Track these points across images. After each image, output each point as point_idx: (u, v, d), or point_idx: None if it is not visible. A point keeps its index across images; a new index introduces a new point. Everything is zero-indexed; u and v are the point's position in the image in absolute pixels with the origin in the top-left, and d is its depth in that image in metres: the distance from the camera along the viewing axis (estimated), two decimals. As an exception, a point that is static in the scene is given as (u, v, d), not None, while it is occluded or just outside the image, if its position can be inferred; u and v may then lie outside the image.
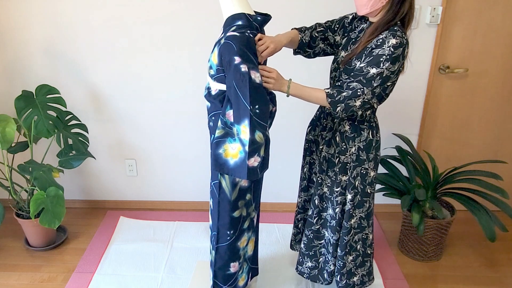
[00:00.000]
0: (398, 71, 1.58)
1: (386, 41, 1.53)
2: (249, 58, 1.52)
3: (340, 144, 1.79)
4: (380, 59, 1.54)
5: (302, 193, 2.10)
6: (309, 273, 2.08)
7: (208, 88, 1.69)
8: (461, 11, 2.38)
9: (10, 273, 2.36)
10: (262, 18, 1.62)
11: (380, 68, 1.54)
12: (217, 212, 1.80)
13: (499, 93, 2.57)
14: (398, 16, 1.56)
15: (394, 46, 1.52)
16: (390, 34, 1.54)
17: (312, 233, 1.99)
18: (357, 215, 1.86)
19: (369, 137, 1.76)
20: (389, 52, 1.52)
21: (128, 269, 2.36)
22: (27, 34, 2.48)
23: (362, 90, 1.57)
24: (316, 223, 1.97)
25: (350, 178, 1.80)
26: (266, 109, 1.54)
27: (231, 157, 1.59)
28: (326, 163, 1.86)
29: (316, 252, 2.03)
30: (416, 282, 2.29)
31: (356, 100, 1.59)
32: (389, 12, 1.56)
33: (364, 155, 1.78)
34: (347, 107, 1.61)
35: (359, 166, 1.79)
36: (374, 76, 1.56)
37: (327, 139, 1.85)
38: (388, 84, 1.59)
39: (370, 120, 1.77)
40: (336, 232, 1.91)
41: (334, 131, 1.82)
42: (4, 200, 2.66)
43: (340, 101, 1.60)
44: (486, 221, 2.15)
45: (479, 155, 2.72)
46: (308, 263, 2.06)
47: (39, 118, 2.31)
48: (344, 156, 1.79)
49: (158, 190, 2.92)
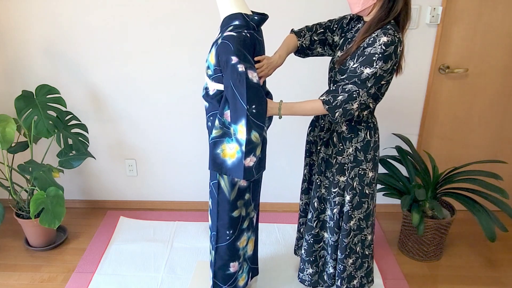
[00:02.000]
0: (391, 69, 1.56)
1: (377, 40, 1.52)
2: (246, 58, 1.52)
3: (337, 144, 1.78)
4: (372, 58, 1.52)
5: (303, 195, 2.10)
6: (310, 280, 2.07)
7: (206, 88, 1.69)
8: (461, 11, 2.38)
9: (10, 273, 2.36)
10: (259, 17, 1.62)
11: (374, 67, 1.52)
12: (216, 212, 1.80)
13: (499, 93, 2.57)
14: (392, 15, 1.54)
15: (385, 44, 1.50)
16: (381, 33, 1.52)
17: (312, 237, 1.98)
18: (356, 217, 1.85)
19: (366, 138, 1.75)
20: (380, 51, 1.51)
21: (128, 269, 2.36)
22: (27, 34, 2.49)
23: (357, 92, 1.56)
24: (315, 227, 1.96)
25: (348, 179, 1.79)
26: (263, 109, 1.54)
27: (229, 157, 1.59)
28: (324, 164, 1.86)
29: (316, 256, 2.02)
30: (416, 282, 2.29)
31: (353, 103, 1.57)
32: (381, 10, 1.55)
33: (362, 156, 1.76)
34: (345, 111, 1.59)
35: (356, 166, 1.77)
36: (368, 77, 1.54)
37: (325, 140, 1.84)
38: (383, 83, 1.58)
39: (368, 121, 1.75)
40: (334, 233, 1.90)
41: (331, 131, 1.81)
42: (4, 200, 2.66)
43: (338, 106, 1.58)
44: (486, 221, 2.15)
45: (479, 155, 2.72)
46: (309, 269, 2.05)
47: (39, 118, 2.32)
48: (341, 157, 1.78)
49: (158, 190, 2.93)
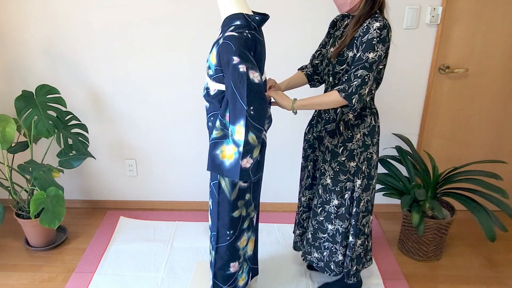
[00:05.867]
0: (386, 53, 1.68)
1: (371, 26, 1.63)
2: (248, 58, 1.52)
3: (345, 133, 1.86)
4: (372, 42, 1.62)
5: (307, 191, 2.13)
6: (317, 263, 2.11)
7: (207, 88, 1.69)
8: (461, 11, 2.38)
9: (10, 273, 2.36)
10: (260, 18, 1.62)
11: (376, 51, 1.63)
12: (216, 212, 1.80)
13: (499, 93, 2.57)
14: (377, 6, 1.68)
15: (379, 28, 1.62)
16: (373, 20, 1.64)
17: (317, 223, 2.03)
18: (364, 199, 1.93)
19: (372, 123, 1.85)
20: (377, 35, 1.62)
21: (128, 269, 2.36)
22: (27, 34, 2.49)
23: (368, 77, 1.64)
24: (320, 214, 2.01)
25: (358, 164, 1.87)
26: (262, 111, 1.52)
27: (227, 158, 1.58)
28: (329, 153, 1.91)
29: (320, 244, 2.06)
30: (416, 282, 2.29)
31: (366, 87, 1.65)
32: (367, 3, 1.67)
33: (369, 140, 1.86)
34: (360, 97, 1.66)
35: (365, 151, 1.86)
36: (375, 60, 1.63)
37: (331, 130, 1.90)
38: (380, 67, 1.73)
39: (371, 107, 1.85)
40: (345, 220, 1.95)
41: (337, 121, 1.87)
42: (4, 200, 2.66)
43: (354, 92, 1.65)
44: (486, 221, 2.15)
45: (479, 155, 2.72)
46: (315, 253, 2.10)
47: (39, 118, 2.32)
48: (350, 143, 1.86)
49: (158, 190, 2.93)
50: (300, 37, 2.44)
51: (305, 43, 2.42)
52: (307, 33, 2.42)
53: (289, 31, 2.43)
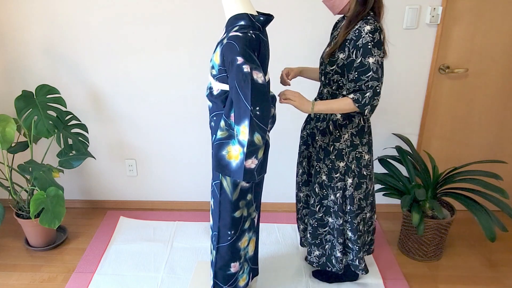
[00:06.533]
0: (383, 55, 1.70)
1: (362, 30, 1.65)
2: (252, 58, 1.51)
3: (334, 132, 1.88)
4: (367, 47, 1.64)
5: (304, 187, 2.15)
6: (318, 262, 2.15)
7: (210, 88, 1.69)
8: (461, 11, 2.38)
9: (10, 273, 2.36)
10: (264, 18, 1.61)
11: (374, 55, 1.65)
12: (218, 212, 1.80)
13: (499, 93, 2.57)
14: (368, 7, 1.68)
15: (371, 31, 1.63)
16: (363, 23, 1.66)
17: (316, 221, 2.06)
18: (357, 197, 1.96)
19: (360, 123, 1.87)
20: (370, 39, 1.64)
21: (128, 269, 2.36)
22: (27, 34, 2.48)
23: (379, 86, 1.67)
24: (318, 211, 2.04)
25: (348, 163, 1.90)
26: (267, 111, 1.52)
27: (234, 159, 1.58)
28: (322, 151, 1.94)
29: (322, 239, 2.09)
30: (416, 282, 2.29)
31: (378, 98, 1.69)
32: (357, 5, 1.69)
33: (358, 140, 1.88)
34: (372, 107, 1.70)
35: (353, 150, 1.89)
36: (377, 66, 1.65)
37: (322, 129, 1.93)
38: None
39: None
40: (339, 217, 1.98)
41: (327, 120, 1.90)
42: (4, 200, 2.66)
43: (367, 104, 1.69)
44: (486, 221, 2.15)
45: (479, 155, 2.72)
46: (315, 252, 2.13)
47: (39, 118, 2.31)
48: (338, 143, 1.88)
49: (158, 190, 2.92)
50: (300, 37, 2.44)
51: (305, 43, 2.42)
52: (307, 33, 2.42)
53: (289, 31, 2.43)
